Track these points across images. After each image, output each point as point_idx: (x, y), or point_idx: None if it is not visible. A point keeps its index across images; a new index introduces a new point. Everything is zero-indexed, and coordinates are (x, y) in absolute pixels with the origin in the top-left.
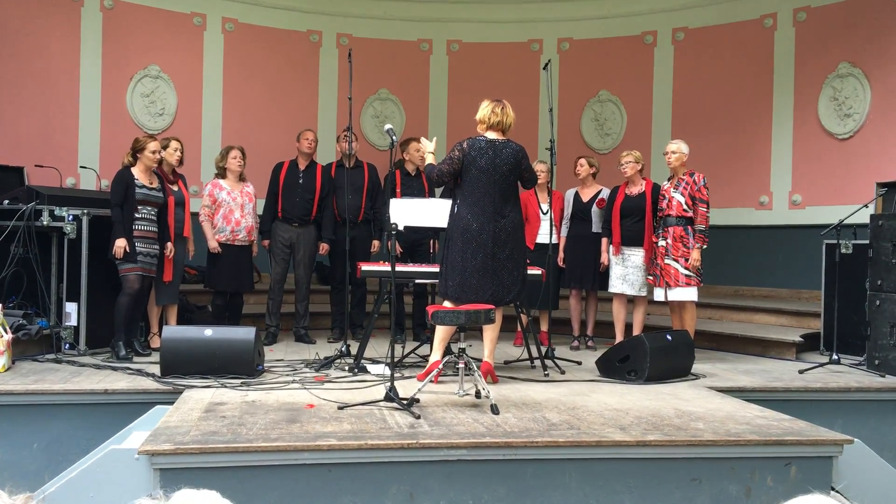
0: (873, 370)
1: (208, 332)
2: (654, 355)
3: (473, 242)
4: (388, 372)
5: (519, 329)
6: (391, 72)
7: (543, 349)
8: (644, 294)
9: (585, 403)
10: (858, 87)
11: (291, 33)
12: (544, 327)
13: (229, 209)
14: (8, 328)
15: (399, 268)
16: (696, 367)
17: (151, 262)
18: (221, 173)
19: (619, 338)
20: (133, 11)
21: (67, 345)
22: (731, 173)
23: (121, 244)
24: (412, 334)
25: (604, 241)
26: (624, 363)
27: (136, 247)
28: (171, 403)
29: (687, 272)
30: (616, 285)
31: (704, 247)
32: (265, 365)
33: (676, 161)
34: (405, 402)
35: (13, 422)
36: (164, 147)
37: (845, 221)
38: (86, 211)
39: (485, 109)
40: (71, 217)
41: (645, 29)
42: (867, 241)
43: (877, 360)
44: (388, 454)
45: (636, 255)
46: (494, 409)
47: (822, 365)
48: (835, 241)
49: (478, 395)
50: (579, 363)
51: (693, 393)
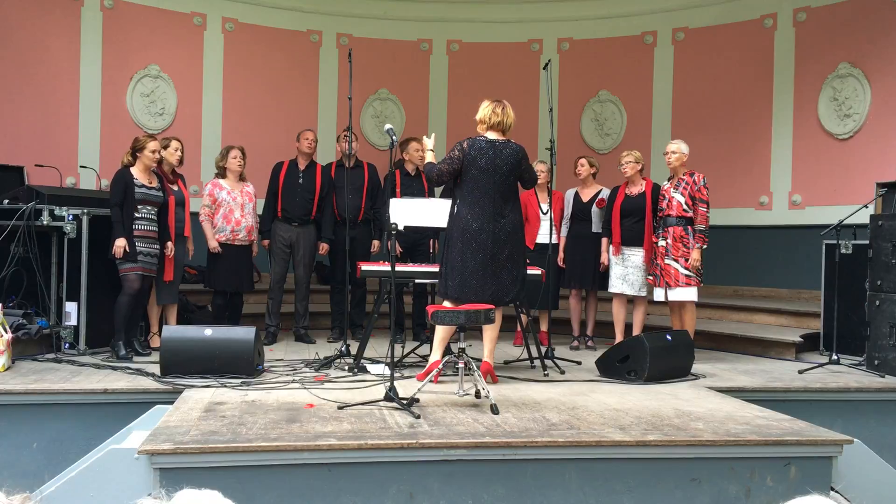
0: (873, 370)
1: (208, 331)
2: (653, 355)
3: (473, 242)
4: (387, 372)
5: (519, 329)
6: (391, 72)
7: (543, 349)
8: (644, 294)
9: (585, 403)
10: (858, 88)
11: (291, 33)
12: (544, 327)
13: (229, 209)
14: (8, 328)
15: (399, 268)
16: (696, 367)
17: (152, 262)
18: (221, 173)
19: (619, 338)
20: (133, 11)
21: (67, 344)
22: (731, 173)
23: (120, 244)
24: (412, 334)
25: (604, 241)
26: (624, 363)
27: (136, 246)
28: (171, 403)
29: (687, 272)
30: (616, 285)
31: (704, 247)
32: (265, 365)
33: (676, 161)
34: (405, 401)
35: (13, 421)
36: (165, 147)
37: (845, 222)
38: (86, 210)
39: (485, 110)
40: (71, 217)
41: (645, 29)
42: (867, 242)
43: (876, 361)
44: (388, 454)
45: (636, 256)
46: (494, 409)
47: (821, 365)
48: (835, 242)
49: (478, 395)
50: (579, 363)
51: (693, 393)
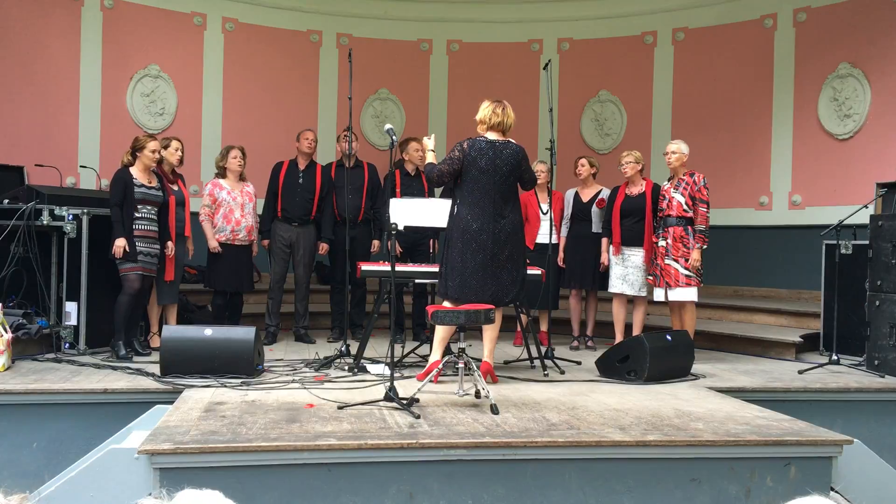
0: (873, 370)
1: (208, 331)
2: (653, 355)
3: (473, 243)
4: (387, 372)
5: (519, 329)
6: (391, 72)
7: (543, 349)
8: (644, 294)
9: (585, 403)
10: (858, 88)
11: (291, 33)
12: (544, 327)
13: (229, 209)
14: (8, 327)
15: (399, 268)
16: (696, 368)
17: (152, 262)
18: (221, 173)
19: (619, 338)
20: (133, 11)
21: (67, 344)
22: (731, 173)
23: (120, 244)
24: (412, 334)
25: (604, 241)
26: (624, 363)
27: (136, 246)
28: (171, 403)
29: (687, 272)
30: (616, 285)
31: (704, 247)
32: (265, 364)
33: (676, 161)
34: (405, 401)
35: (13, 421)
36: (165, 147)
37: (845, 222)
38: (86, 210)
39: (485, 110)
40: (71, 216)
41: (645, 29)
42: (867, 242)
43: (876, 361)
44: (388, 454)
45: (636, 256)
46: (494, 409)
47: (821, 365)
48: (834, 242)
49: (477, 395)
50: (579, 363)
51: (693, 393)
